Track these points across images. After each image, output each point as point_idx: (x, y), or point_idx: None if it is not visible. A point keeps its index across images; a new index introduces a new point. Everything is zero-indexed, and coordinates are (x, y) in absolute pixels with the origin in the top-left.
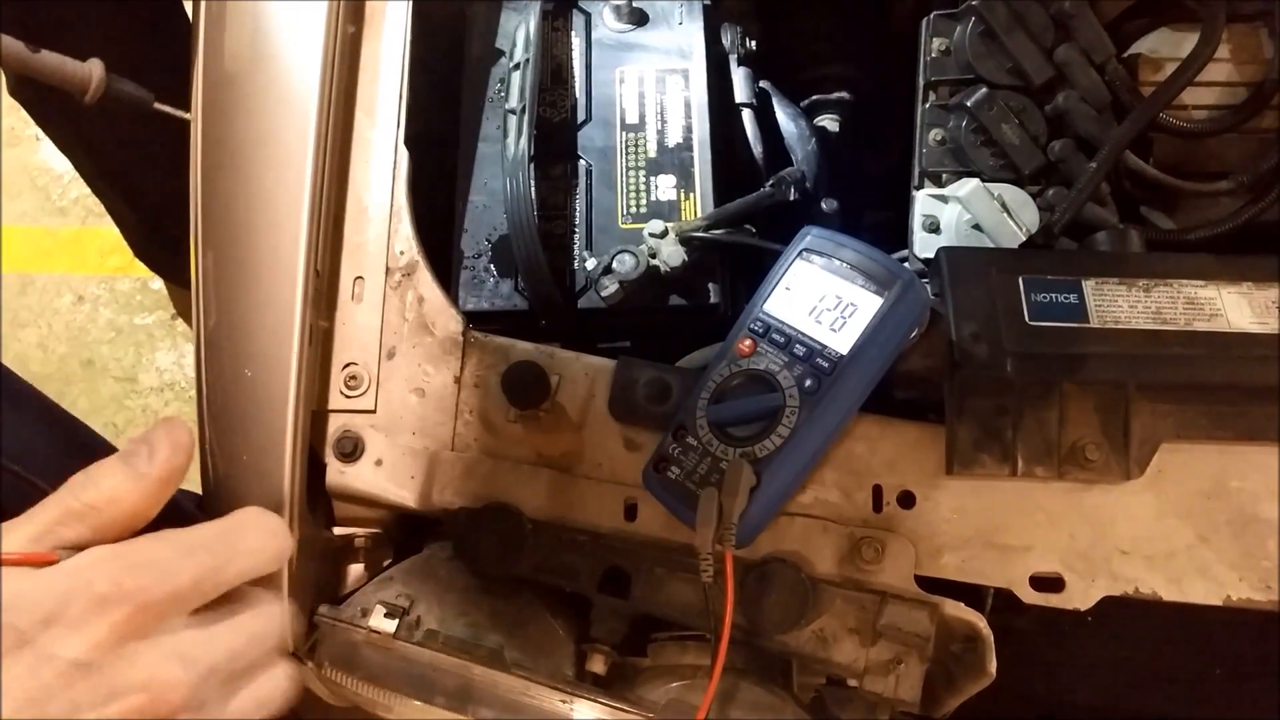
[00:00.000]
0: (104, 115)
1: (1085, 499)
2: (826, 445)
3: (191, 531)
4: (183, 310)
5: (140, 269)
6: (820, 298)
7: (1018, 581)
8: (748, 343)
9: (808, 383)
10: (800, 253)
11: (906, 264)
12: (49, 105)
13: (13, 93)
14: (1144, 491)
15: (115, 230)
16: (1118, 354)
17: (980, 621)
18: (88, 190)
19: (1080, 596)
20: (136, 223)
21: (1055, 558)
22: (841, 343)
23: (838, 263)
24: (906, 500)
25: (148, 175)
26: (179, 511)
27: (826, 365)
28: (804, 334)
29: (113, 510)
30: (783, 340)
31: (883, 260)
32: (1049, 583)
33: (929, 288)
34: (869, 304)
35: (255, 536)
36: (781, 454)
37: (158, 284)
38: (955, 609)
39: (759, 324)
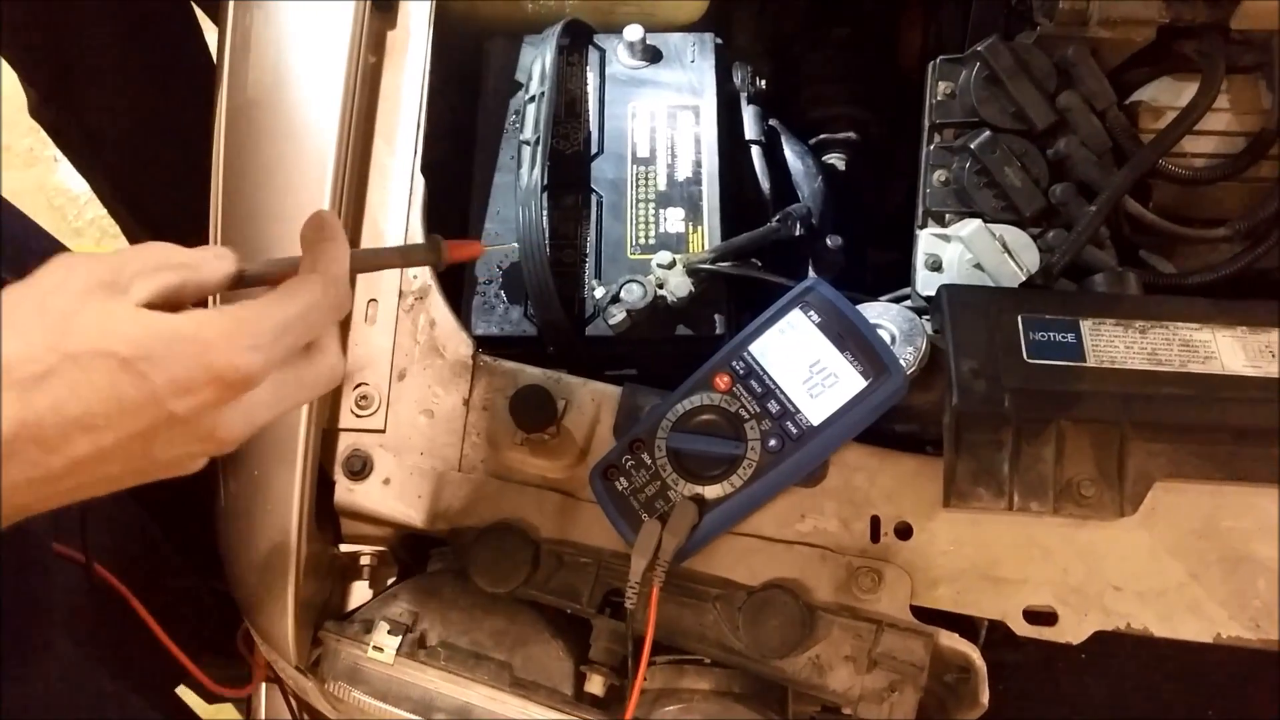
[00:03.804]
0: (123, 142)
1: (1079, 535)
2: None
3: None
4: None
5: None
6: (806, 356)
7: (1011, 614)
8: (725, 379)
9: (772, 442)
10: (800, 303)
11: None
12: (69, 128)
13: (34, 114)
14: (1137, 529)
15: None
16: (1114, 393)
17: (974, 652)
18: (104, 211)
19: (1073, 630)
20: None
21: (1049, 592)
22: (815, 412)
23: (834, 327)
24: (904, 531)
25: (164, 199)
26: None
27: (795, 431)
28: (782, 390)
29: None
30: (760, 391)
31: (879, 346)
32: (1042, 616)
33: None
34: (851, 381)
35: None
36: (728, 502)
37: None
38: (950, 639)
39: (741, 364)
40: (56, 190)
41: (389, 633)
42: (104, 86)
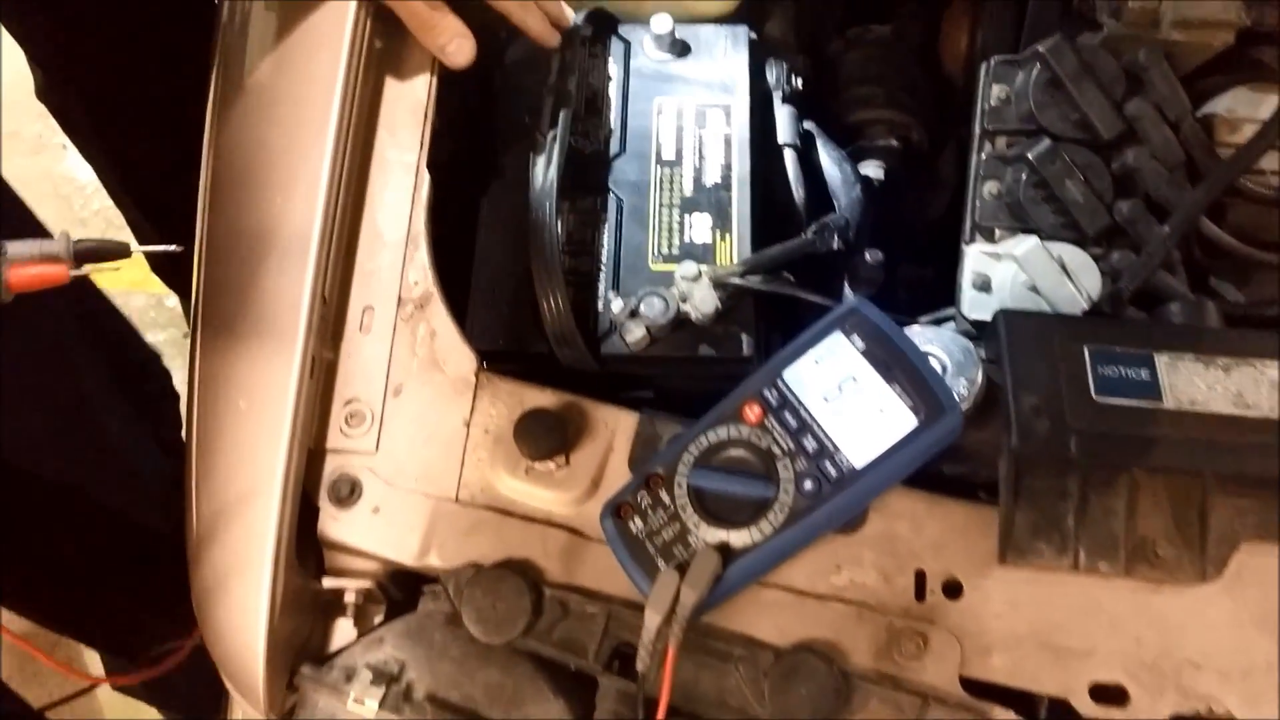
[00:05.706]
0: (131, 127)
1: (1154, 601)
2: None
3: None
4: None
5: (156, 285)
6: (848, 386)
7: (1076, 690)
8: (756, 410)
9: (808, 484)
10: (842, 326)
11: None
12: (77, 113)
13: (40, 96)
14: (1220, 596)
15: (134, 244)
16: (1194, 440)
17: None
18: (109, 202)
19: (1147, 712)
20: (156, 238)
21: (1119, 666)
22: (858, 452)
23: (880, 355)
24: (953, 589)
25: (171, 191)
26: None
27: (834, 473)
28: (820, 425)
29: None
30: (795, 425)
31: (933, 379)
32: (1111, 694)
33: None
34: (900, 418)
35: None
36: (756, 551)
37: (172, 301)
38: (1005, 716)
39: (774, 393)
40: (63, 179)
41: (372, 682)
42: (110, 65)
